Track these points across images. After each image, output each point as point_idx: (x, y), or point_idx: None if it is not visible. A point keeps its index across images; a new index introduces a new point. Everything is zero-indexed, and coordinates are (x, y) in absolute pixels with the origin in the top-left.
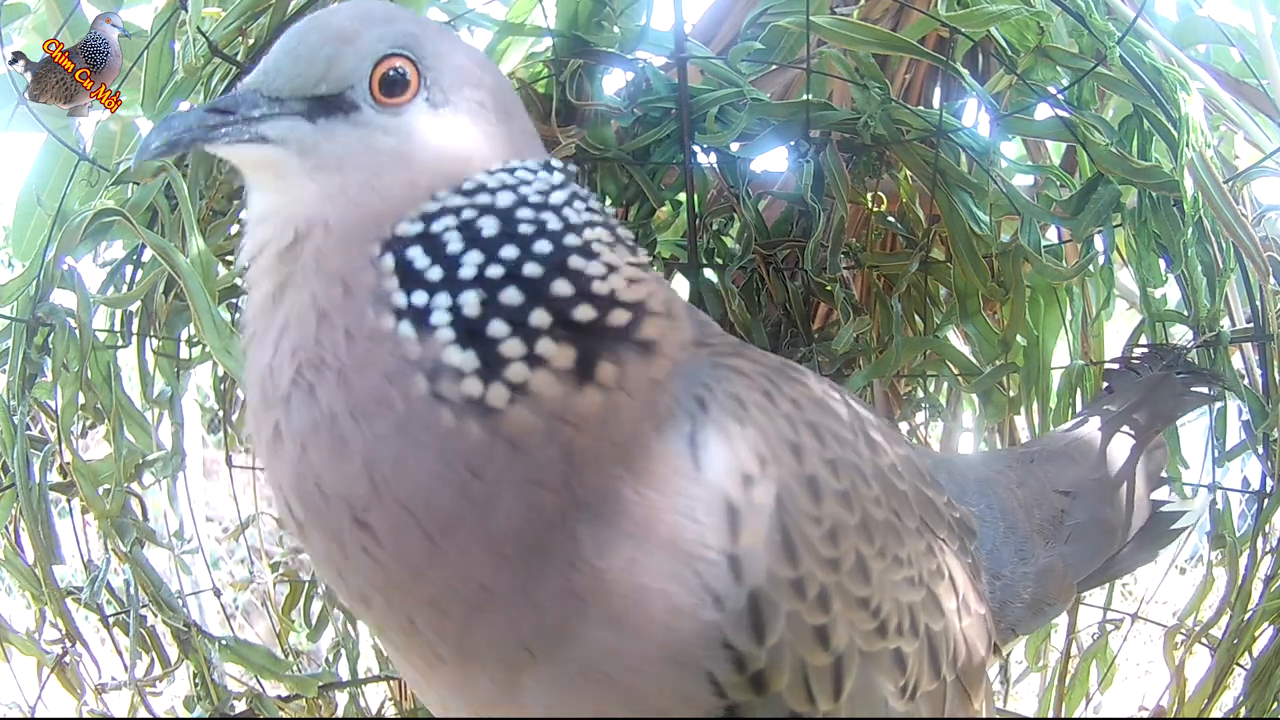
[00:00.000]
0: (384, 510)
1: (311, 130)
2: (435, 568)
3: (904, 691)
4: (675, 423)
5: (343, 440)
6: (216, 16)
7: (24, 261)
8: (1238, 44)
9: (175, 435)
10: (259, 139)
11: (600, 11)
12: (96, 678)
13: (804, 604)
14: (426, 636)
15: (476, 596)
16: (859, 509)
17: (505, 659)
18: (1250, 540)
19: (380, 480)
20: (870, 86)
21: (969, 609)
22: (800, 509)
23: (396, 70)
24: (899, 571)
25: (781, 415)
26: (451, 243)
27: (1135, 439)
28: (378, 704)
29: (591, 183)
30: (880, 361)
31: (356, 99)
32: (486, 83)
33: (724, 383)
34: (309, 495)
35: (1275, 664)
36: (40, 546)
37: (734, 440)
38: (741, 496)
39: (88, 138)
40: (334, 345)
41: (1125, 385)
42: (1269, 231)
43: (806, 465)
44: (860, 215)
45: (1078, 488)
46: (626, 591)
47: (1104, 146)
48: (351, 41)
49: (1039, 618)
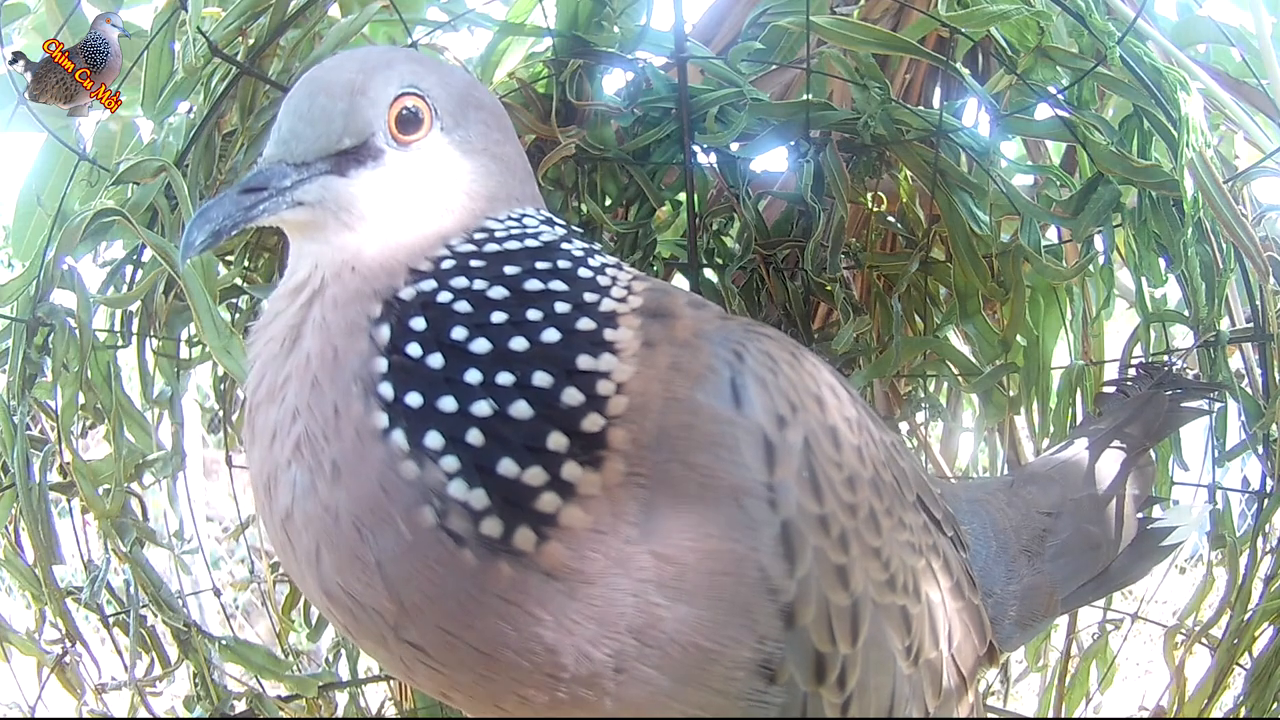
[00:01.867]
0: (425, 632)
1: (345, 184)
2: (499, 673)
3: (909, 653)
4: (716, 374)
5: (355, 555)
6: (216, 16)
7: (24, 261)
8: (1238, 44)
9: (175, 435)
10: (296, 204)
11: (600, 11)
12: (96, 678)
13: (828, 540)
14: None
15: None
16: (870, 466)
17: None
18: (1250, 540)
19: (411, 606)
20: (870, 86)
21: (962, 594)
22: (825, 453)
23: (408, 109)
24: (902, 534)
25: (806, 373)
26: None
27: (1123, 456)
28: (378, 704)
29: (591, 183)
30: (880, 361)
31: (380, 144)
32: (486, 103)
33: (756, 341)
34: (340, 603)
35: (1275, 664)
36: (40, 546)
37: (768, 386)
38: (776, 434)
39: (88, 138)
40: (325, 422)
41: (1113, 406)
42: (1269, 231)
43: (829, 417)
44: (860, 215)
45: (1059, 508)
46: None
47: (1104, 146)
48: (363, 92)
49: (1026, 633)
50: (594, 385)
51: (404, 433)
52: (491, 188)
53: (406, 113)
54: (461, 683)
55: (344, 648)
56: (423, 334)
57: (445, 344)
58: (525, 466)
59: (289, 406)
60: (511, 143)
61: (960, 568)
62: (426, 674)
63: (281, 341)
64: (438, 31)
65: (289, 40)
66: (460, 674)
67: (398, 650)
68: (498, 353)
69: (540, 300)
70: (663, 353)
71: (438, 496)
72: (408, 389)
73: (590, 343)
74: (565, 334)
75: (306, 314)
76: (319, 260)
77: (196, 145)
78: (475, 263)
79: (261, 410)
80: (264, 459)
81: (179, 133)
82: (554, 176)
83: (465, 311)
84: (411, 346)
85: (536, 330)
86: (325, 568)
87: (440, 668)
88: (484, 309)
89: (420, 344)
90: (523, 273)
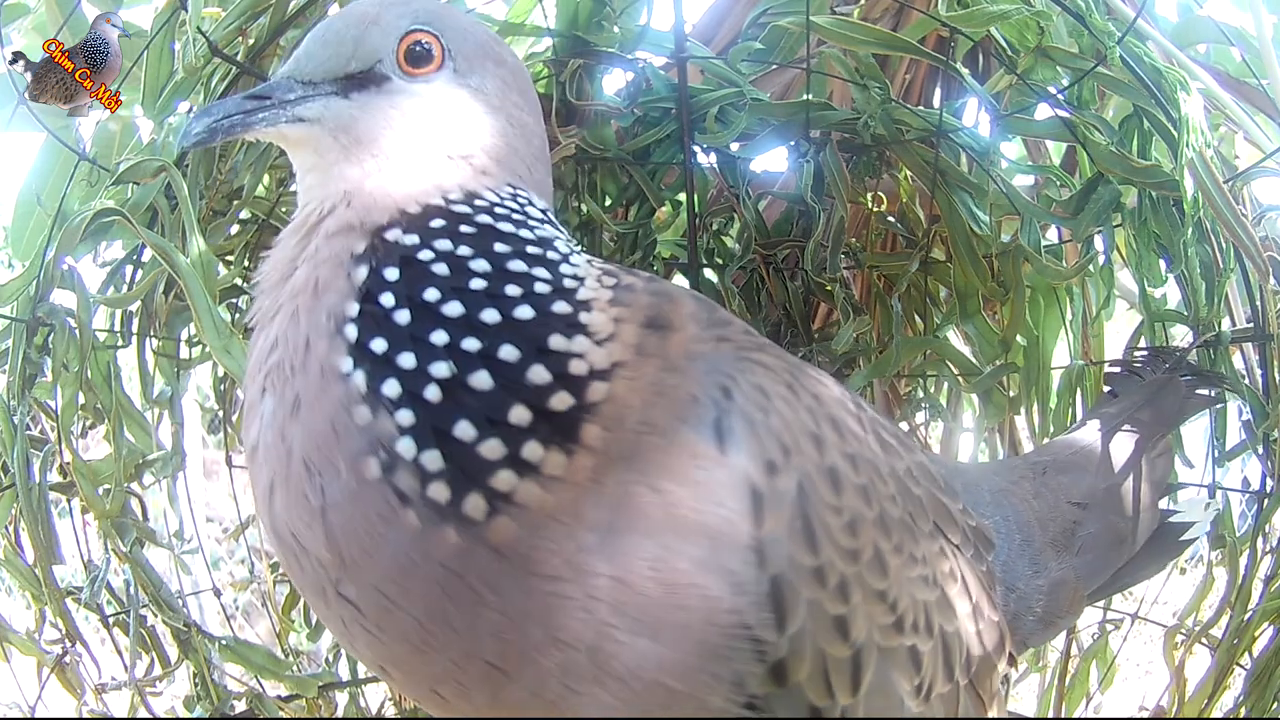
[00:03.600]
0: (362, 590)
1: (346, 105)
2: (434, 650)
3: (919, 691)
4: (700, 411)
5: (303, 493)
6: (216, 16)
7: (24, 261)
8: (1238, 44)
9: (175, 435)
10: (296, 120)
11: (600, 11)
12: (96, 678)
13: (825, 592)
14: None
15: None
16: (877, 504)
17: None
18: (1250, 540)
19: (349, 559)
20: (870, 86)
21: (982, 615)
22: (821, 498)
23: (421, 44)
24: (914, 569)
25: (804, 408)
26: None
27: (1141, 445)
28: (378, 704)
29: (591, 183)
30: (880, 361)
31: (386, 71)
32: (509, 62)
33: (748, 374)
34: (287, 544)
35: (1275, 664)
36: (40, 546)
37: (758, 428)
38: (765, 483)
39: (88, 138)
40: (295, 354)
41: (1129, 389)
42: (1269, 231)
43: (827, 457)
44: (860, 215)
45: (1090, 498)
46: (656, 592)
47: (1104, 146)
48: (376, 21)
49: (1050, 630)
50: (565, 364)
51: (364, 375)
52: (501, 150)
53: (418, 47)
54: (399, 656)
55: (344, 648)
56: (395, 285)
57: (416, 302)
58: (483, 436)
59: (271, 336)
60: (533, 113)
61: (979, 586)
62: (365, 641)
63: (280, 271)
64: None
65: (289, 40)
66: (397, 645)
67: (337, 608)
68: (467, 320)
69: (519, 279)
70: (652, 365)
71: (385, 449)
72: (373, 334)
73: (566, 324)
74: (540, 313)
75: (304, 247)
76: (321, 193)
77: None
78: (465, 228)
79: (254, 338)
80: (247, 387)
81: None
82: (554, 176)
83: (442, 274)
84: (384, 296)
85: (511, 305)
86: (276, 504)
87: (378, 634)
88: (462, 276)
89: (393, 295)
90: (511, 252)
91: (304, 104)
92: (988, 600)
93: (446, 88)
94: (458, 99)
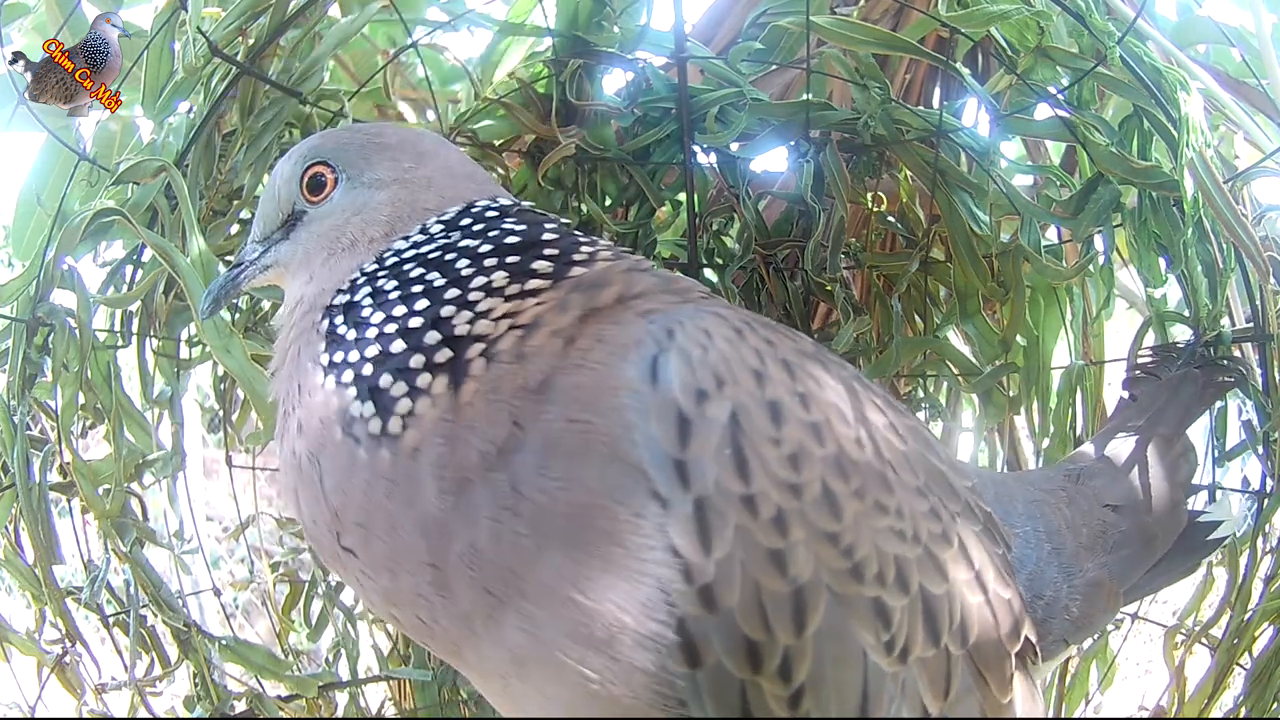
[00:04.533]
0: (349, 532)
1: (288, 244)
2: (400, 565)
3: (889, 648)
4: (641, 350)
5: (312, 481)
6: (216, 16)
7: (24, 261)
8: (1238, 44)
9: (175, 435)
10: (265, 268)
11: (600, 11)
12: (96, 678)
13: (756, 522)
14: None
15: (437, 576)
16: (832, 443)
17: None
18: (1250, 540)
19: (339, 508)
20: (870, 86)
21: (985, 587)
22: (757, 428)
23: (315, 177)
24: (882, 519)
25: (749, 347)
26: (364, 306)
27: (1168, 444)
28: (378, 704)
29: (591, 183)
30: (880, 361)
31: (301, 208)
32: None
33: (697, 319)
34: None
35: (1275, 664)
36: (40, 546)
37: (693, 361)
38: (693, 409)
39: (88, 138)
40: (291, 395)
41: (1149, 391)
42: (1269, 231)
43: (769, 391)
44: (860, 215)
45: (1125, 500)
46: (559, 507)
47: (1104, 146)
48: (285, 179)
49: (1087, 629)
50: (451, 329)
51: (333, 379)
52: (402, 210)
53: (313, 180)
54: (387, 589)
55: (344, 648)
56: (345, 317)
57: (357, 320)
58: (395, 380)
59: (281, 401)
60: (430, 163)
61: (986, 559)
62: (368, 584)
63: (280, 358)
64: (438, 31)
65: (289, 40)
66: (381, 575)
67: (345, 561)
68: (387, 317)
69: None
70: (571, 316)
71: (345, 415)
72: (335, 350)
73: (456, 305)
74: (433, 300)
75: (288, 336)
76: (295, 295)
77: (196, 145)
78: (381, 273)
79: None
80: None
81: (179, 133)
82: (554, 176)
83: (369, 302)
84: (340, 327)
85: (413, 300)
86: (302, 504)
87: (370, 570)
88: (380, 295)
89: (345, 322)
90: (413, 267)
91: (265, 256)
92: (996, 575)
93: (343, 197)
94: (353, 200)
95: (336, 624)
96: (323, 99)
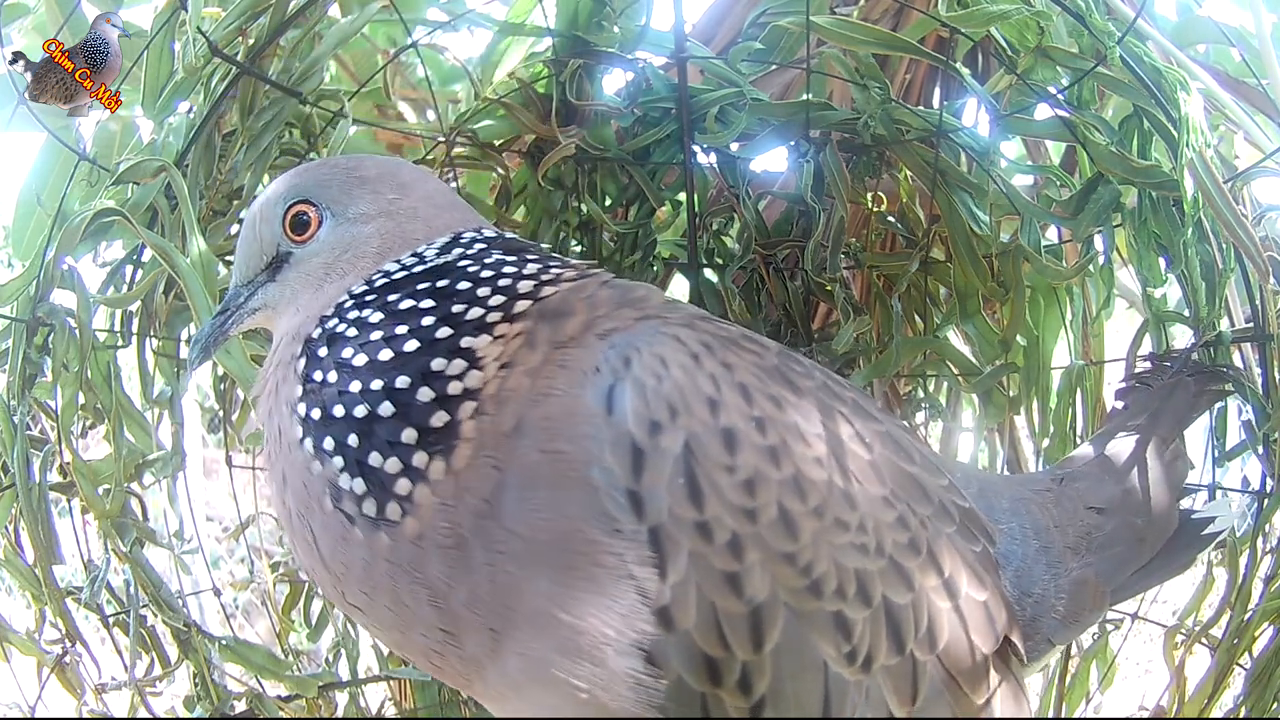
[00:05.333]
0: (354, 595)
1: (275, 285)
2: (409, 628)
3: (851, 659)
4: (598, 379)
5: (304, 539)
6: (216, 16)
7: (24, 261)
8: (1238, 44)
9: (175, 435)
10: (252, 311)
11: (600, 11)
12: (96, 678)
13: (711, 547)
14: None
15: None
16: (789, 465)
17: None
18: (1250, 540)
19: (338, 574)
20: (870, 86)
21: (956, 591)
22: (710, 457)
23: (299, 215)
24: (842, 535)
25: (705, 375)
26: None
27: (1157, 448)
28: (378, 704)
29: (591, 183)
30: (880, 361)
31: (286, 248)
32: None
33: (655, 346)
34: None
35: (1275, 664)
36: (40, 546)
37: (647, 392)
38: (647, 441)
39: (88, 138)
40: (274, 442)
41: (1140, 398)
42: (1269, 231)
43: (723, 418)
44: (860, 215)
45: (1109, 504)
46: (544, 535)
47: (1104, 146)
48: (267, 221)
49: (1074, 628)
50: (445, 386)
51: (310, 440)
52: (390, 241)
53: (297, 219)
54: (396, 640)
55: (344, 648)
56: (324, 359)
57: (338, 362)
58: (386, 457)
59: (266, 432)
60: (413, 193)
61: (958, 563)
62: (376, 633)
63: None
64: (438, 31)
65: (289, 40)
66: (390, 631)
67: (352, 613)
68: (371, 363)
69: (408, 316)
70: (540, 352)
71: (332, 486)
72: (311, 405)
73: (447, 350)
74: (423, 343)
75: (270, 365)
76: (278, 335)
77: (196, 145)
78: (369, 297)
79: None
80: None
81: (179, 133)
82: (554, 176)
83: (352, 335)
84: (316, 372)
85: (400, 341)
86: (299, 552)
87: (377, 626)
88: (365, 330)
89: (321, 369)
90: (401, 295)
91: (251, 299)
92: (970, 577)
93: (330, 234)
94: (339, 237)
95: (336, 624)
96: (323, 99)
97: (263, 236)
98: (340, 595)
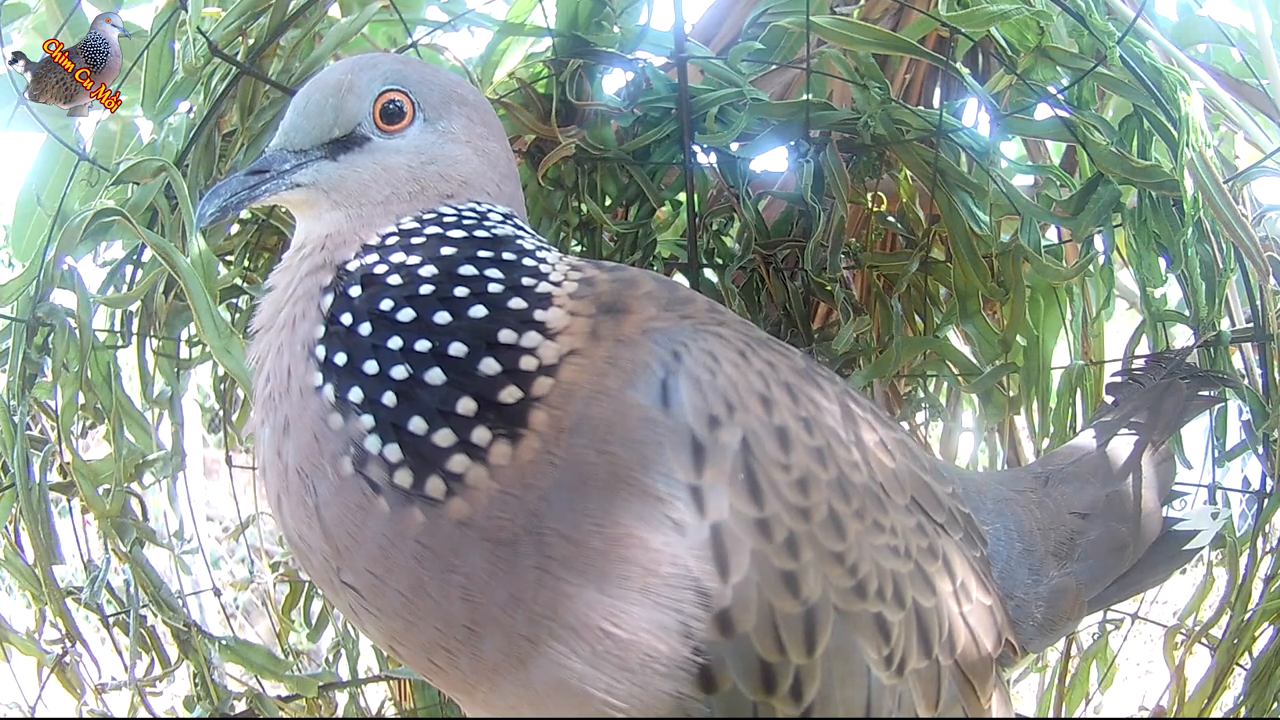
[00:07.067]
0: (356, 574)
1: (335, 167)
2: (422, 619)
3: (889, 662)
4: (649, 375)
5: (301, 500)
6: (216, 16)
7: (24, 261)
8: (1238, 44)
9: (175, 435)
10: (294, 185)
11: (600, 11)
12: (96, 678)
13: (770, 545)
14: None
15: (469, 635)
16: (834, 467)
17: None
18: (1250, 540)
19: (342, 547)
20: (870, 86)
21: (969, 596)
22: (768, 454)
23: (393, 103)
24: (880, 537)
25: (754, 372)
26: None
27: (1145, 452)
28: (378, 704)
29: (591, 183)
30: (880, 361)
31: (366, 132)
32: (470, 100)
33: (700, 341)
34: (297, 545)
35: (1275, 664)
36: (40, 546)
37: (703, 386)
38: (707, 435)
39: (88, 138)
40: (280, 382)
41: (1130, 396)
42: (1269, 231)
43: (776, 417)
44: (860, 215)
45: (1092, 509)
46: (599, 544)
47: (1104, 146)
48: (351, 89)
49: (1050, 636)
50: (516, 360)
51: (332, 387)
52: (465, 174)
53: (391, 106)
54: (396, 631)
55: (344, 648)
56: (356, 303)
57: (375, 313)
58: (435, 428)
59: (264, 371)
60: (497, 140)
61: (968, 568)
62: (370, 620)
63: (272, 312)
64: (438, 31)
65: (289, 40)
66: (392, 620)
67: (343, 594)
68: (420, 322)
69: (470, 281)
70: (604, 346)
71: (356, 447)
72: (335, 350)
73: (519, 320)
74: (492, 310)
75: (291, 281)
76: (311, 233)
77: (196, 145)
78: (416, 240)
79: (254, 375)
80: (252, 419)
81: (179, 133)
82: (554, 176)
83: (395, 284)
84: (345, 315)
85: (463, 306)
86: (284, 513)
87: (376, 612)
88: (413, 283)
89: (352, 313)
90: (458, 255)
91: (298, 171)
92: (977, 583)
93: (419, 137)
94: (429, 144)
95: (336, 624)
96: None
97: (343, 107)
98: (333, 571)
